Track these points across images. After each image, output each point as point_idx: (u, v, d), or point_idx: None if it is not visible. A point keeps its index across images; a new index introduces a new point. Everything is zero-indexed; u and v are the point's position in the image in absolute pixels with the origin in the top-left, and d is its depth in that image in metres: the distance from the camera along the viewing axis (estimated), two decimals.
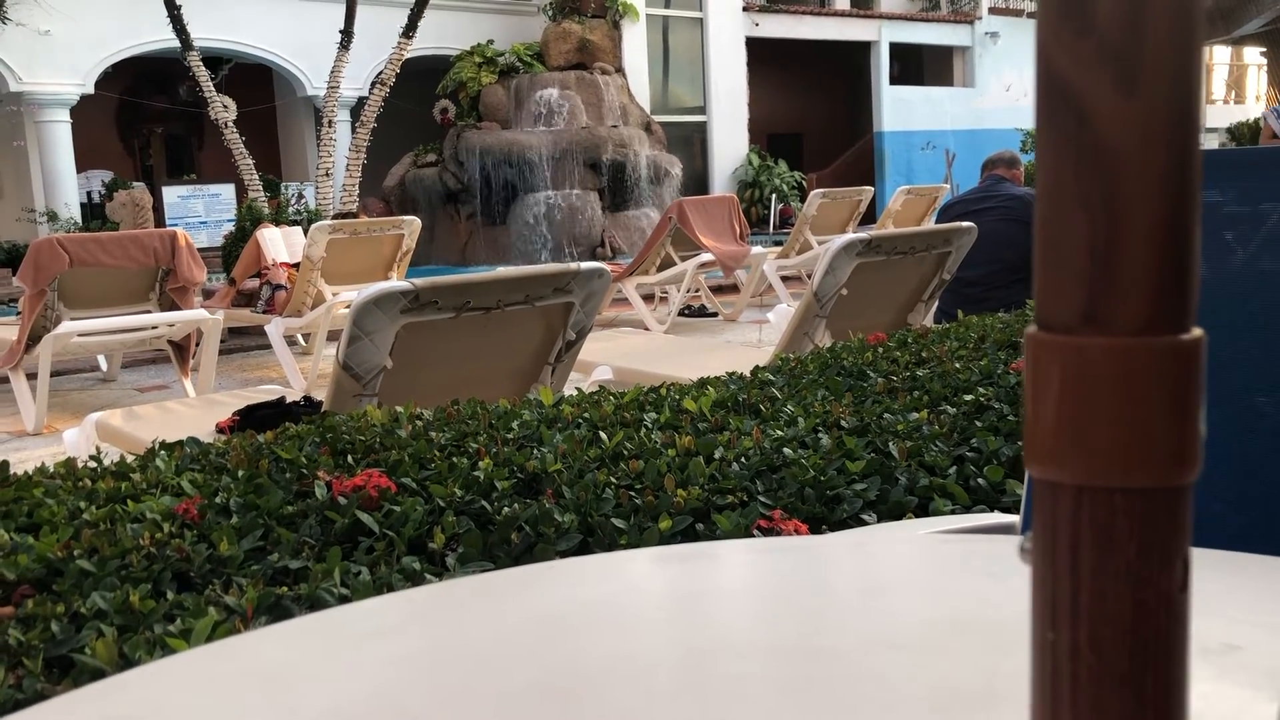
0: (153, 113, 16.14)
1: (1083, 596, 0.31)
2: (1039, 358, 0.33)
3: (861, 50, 17.50)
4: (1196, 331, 0.32)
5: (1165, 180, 0.32)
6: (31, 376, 5.47)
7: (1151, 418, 0.31)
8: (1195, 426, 0.32)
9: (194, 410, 3.37)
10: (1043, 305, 0.33)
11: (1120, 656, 0.31)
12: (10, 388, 5.58)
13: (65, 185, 13.03)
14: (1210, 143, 21.36)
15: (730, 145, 16.30)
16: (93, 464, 1.70)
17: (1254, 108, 19.85)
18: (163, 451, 1.76)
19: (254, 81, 14.54)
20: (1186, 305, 0.32)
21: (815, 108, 19.47)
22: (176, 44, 10.88)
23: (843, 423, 1.87)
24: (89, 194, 13.92)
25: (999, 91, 18.19)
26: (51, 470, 1.67)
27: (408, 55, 11.63)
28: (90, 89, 13.03)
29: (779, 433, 1.80)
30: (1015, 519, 1.16)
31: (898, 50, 17.66)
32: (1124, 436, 0.31)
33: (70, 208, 12.94)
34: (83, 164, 13.54)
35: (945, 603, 0.77)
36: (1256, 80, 20.75)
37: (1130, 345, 0.31)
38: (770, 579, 0.86)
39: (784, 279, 8.35)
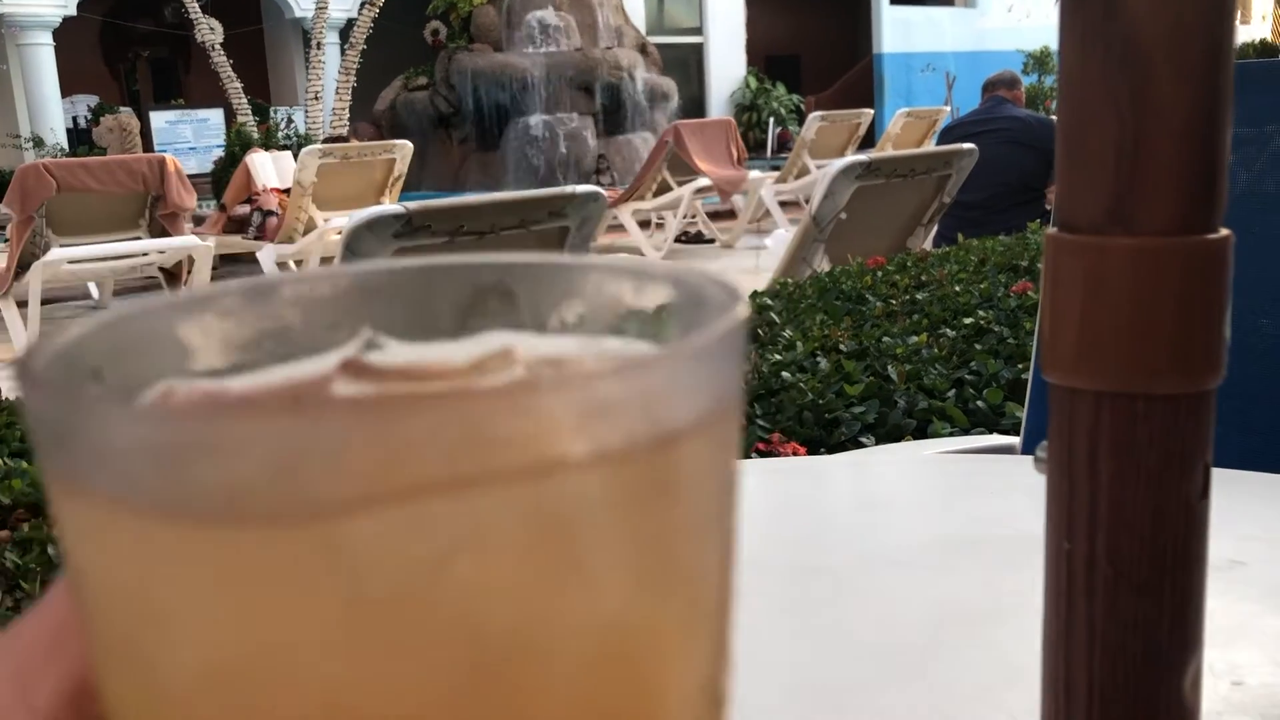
0: (138, 36, 15.82)
1: (1101, 505, 0.31)
2: (1060, 260, 0.32)
3: None
4: (1224, 231, 0.31)
5: (1197, 71, 0.30)
6: (22, 304, 5.44)
7: (1176, 320, 0.30)
8: (1221, 330, 0.31)
9: None
10: (1065, 206, 0.32)
11: (1138, 565, 0.30)
12: (0, 315, 5.56)
13: (50, 110, 12.82)
14: None
15: (727, 67, 16.03)
16: None
17: (1260, 27, 19.53)
18: None
19: (241, 3, 14.23)
20: (1216, 203, 0.31)
21: (814, 28, 19.12)
22: None
23: (841, 346, 1.86)
24: (75, 119, 13.71)
25: (1001, 12, 17.85)
26: None
27: None
28: (72, 10, 12.74)
29: (777, 356, 1.80)
30: (1015, 440, 1.15)
31: None
32: (1147, 340, 0.30)
33: (56, 133, 12.75)
34: (67, 89, 13.31)
35: (947, 521, 0.77)
36: None
37: (1156, 245, 0.30)
38: (770, 499, 0.85)
39: (782, 204, 8.27)
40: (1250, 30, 19.58)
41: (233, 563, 0.14)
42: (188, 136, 13.30)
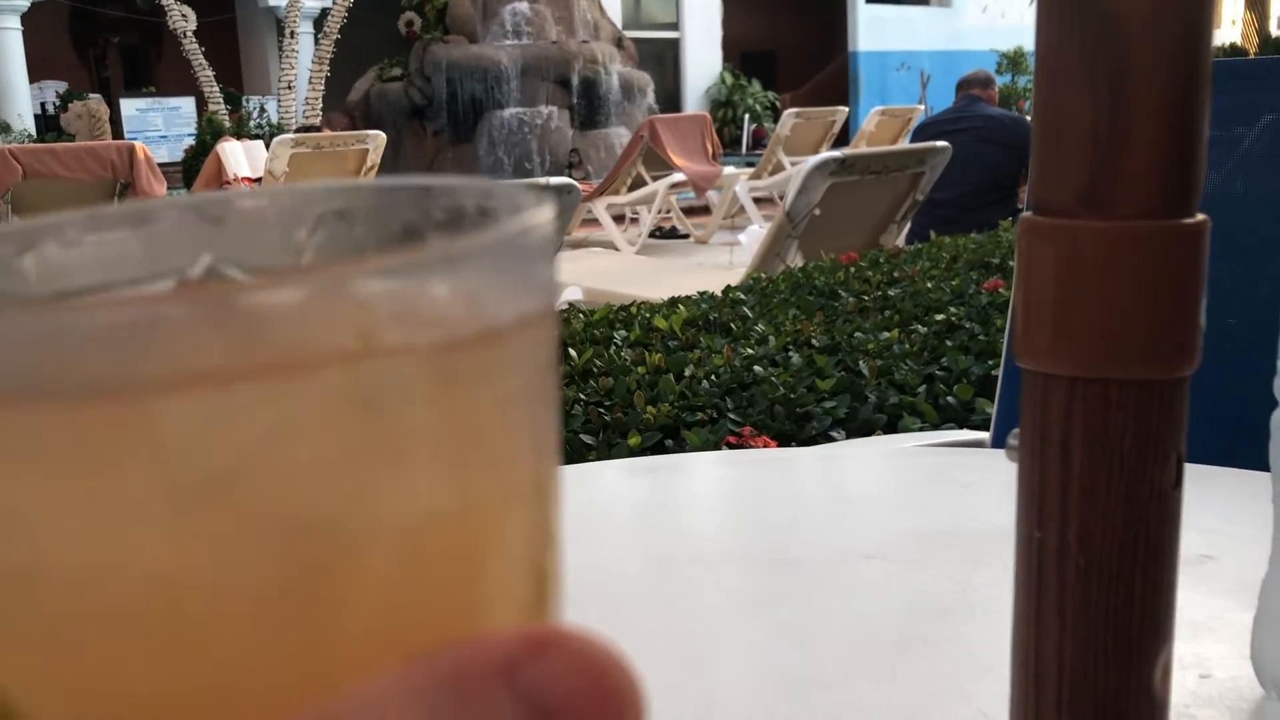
0: (108, 21, 15.61)
1: (1073, 493, 0.30)
2: (1034, 243, 0.31)
3: None
4: (1200, 216, 0.30)
5: (1176, 52, 0.30)
6: None
7: (1150, 306, 0.30)
8: (1196, 316, 0.30)
9: None
10: (1040, 189, 0.31)
11: (1110, 554, 0.30)
12: None
13: (17, 96, 12.64)
14: None
15: (703, 63, 16.03)
16: None
17: (1230, 31, 19.75)
18: None
19: None
20: (1192, 188, 0.30)
21: (789, 25, 19.16)
22: None
23: (813, 341, 1.86)
24: (43, 105, 13.51)
25: (976, 11, 17.96)
26: None
27: None
28: None
29: (749, 351, 1.79)
30: (984, 436, 1.15)
31: None
32: (1121, 325, 0.30)
33: (23, 119, 12.56)
34: (35, 74, 13.11)
35: (917, 514, 0.76)
36: (1233, 2, 20.61)
37: (1131, 229, 0.30)
38: (741, 491, 0.85)
39: (756, 200, 8.27)
40: (1220, 34, 19.78)
41: (42, 444, 0.14)
42: (158, 124, 13.15)
